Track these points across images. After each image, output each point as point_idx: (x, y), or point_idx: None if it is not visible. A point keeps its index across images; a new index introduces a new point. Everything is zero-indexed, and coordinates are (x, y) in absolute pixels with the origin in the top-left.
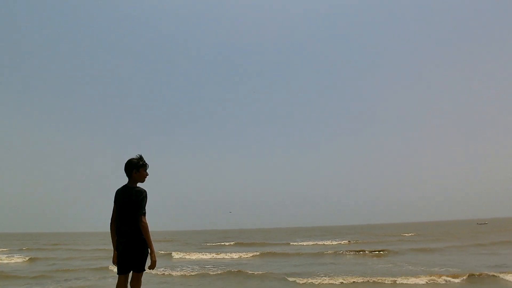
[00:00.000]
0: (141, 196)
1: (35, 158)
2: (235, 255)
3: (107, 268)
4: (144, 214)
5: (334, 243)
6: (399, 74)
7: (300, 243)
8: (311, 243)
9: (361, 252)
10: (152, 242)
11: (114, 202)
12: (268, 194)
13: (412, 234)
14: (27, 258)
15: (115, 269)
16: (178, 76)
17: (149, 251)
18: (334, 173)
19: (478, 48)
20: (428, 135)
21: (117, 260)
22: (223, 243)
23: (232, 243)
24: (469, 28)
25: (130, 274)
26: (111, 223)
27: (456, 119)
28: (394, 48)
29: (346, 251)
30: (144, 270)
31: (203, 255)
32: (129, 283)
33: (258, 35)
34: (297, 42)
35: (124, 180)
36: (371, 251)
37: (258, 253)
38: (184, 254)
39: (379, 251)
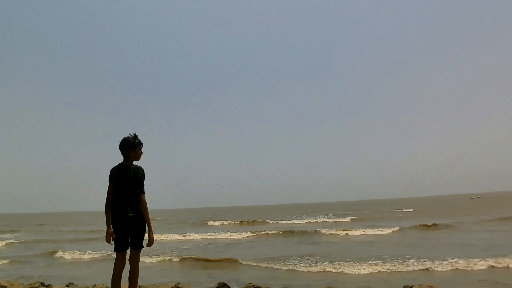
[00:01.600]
0: (140, 174)
1: (32, 136)
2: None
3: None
4: (143, 192)
5: (334, 220)
6: (393, 52)
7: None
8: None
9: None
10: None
11: (110, 180)
12: (262, 171)
13: (411, 210)
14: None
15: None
16: (180, 57)
17: (148, 229)
18: (327, 150)
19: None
20: (419, 112)
21: (115, 238)
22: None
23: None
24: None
25: (128, 251)
26: (106, 202)
27: (447, 96)
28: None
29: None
30: (143, 247)
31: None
32: (127, 260)
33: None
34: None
35: (118, 158)
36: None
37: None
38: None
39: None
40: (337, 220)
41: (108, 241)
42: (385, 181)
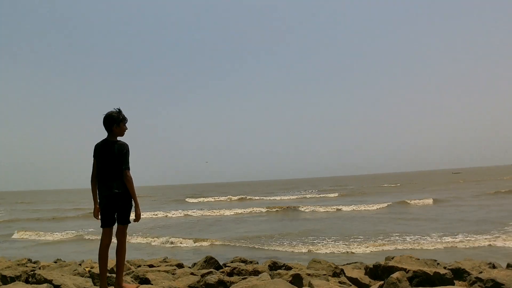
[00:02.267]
0: (124, 150)
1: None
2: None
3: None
4: (129, 168)
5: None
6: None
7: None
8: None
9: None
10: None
11: (94, 156)
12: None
13: (398, 184)
14: None
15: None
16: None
17: (134, 205)
18: (310, 125)
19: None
20: (401, 88)
21: (101, 214)
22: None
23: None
24: None
25: (115, 227)
26: (91, 178)
27: (429, 72)
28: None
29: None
30: (129, 222)
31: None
32: (114, 235)
33: None
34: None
35: (101, 134)
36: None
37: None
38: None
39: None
40: (324, 195)
41: (96, 216)
42: (366, 157)
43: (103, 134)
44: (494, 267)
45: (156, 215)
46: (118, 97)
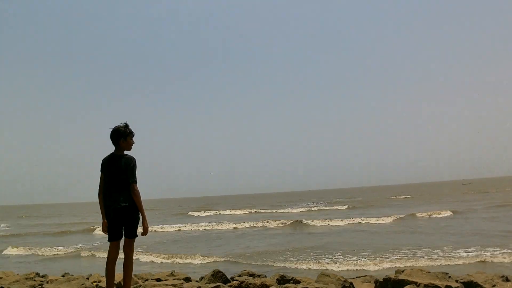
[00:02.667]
0: (132, 164)
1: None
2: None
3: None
4: (136, 182)
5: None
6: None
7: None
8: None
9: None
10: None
11: (101, 171)
12: (254, 158)
13: (409, 196)
14: None
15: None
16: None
17: (142, 218)
18: (317, 137)
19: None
20: (410, 97)
21: (108, 227)
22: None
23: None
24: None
25: (122, 240)
26: (99, 192)
27: (438, 82)
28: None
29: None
30: (137, 236)
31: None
32: (121, 249)
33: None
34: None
35: (110, 148)
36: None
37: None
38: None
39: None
40: (332, 208)
41: (104, 231)
42: (369, 168)
43: (110, 148)
44: (507, 280)
45: (161, 229)
46: (121, 109)
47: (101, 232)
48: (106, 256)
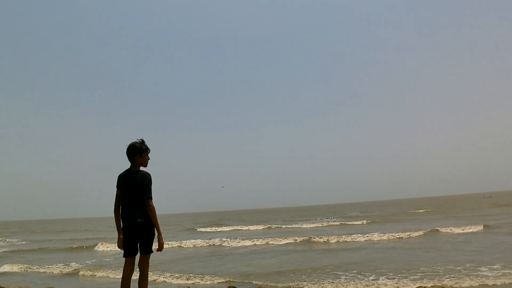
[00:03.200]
0: (147, 180)
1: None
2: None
3: None
4: (151, 198)
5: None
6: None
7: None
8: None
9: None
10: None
11: (117, 186)
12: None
13: (429, 209)
14: None
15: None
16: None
17: (157, 234)
18: (329, 151)
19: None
20: (427, 109)
21: (124, 243)
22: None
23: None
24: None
25: (137, 256)
26: (115, 208)
27: (457, 91)
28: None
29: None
30: (152, 252)
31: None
32: (137, 265)
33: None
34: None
35: (125, 164)
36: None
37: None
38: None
39: None
40: (349, 223)
41: (120, 247)
42: (388, 182)
43: (126, 164)
44: None
45: (168, 244)
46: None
47: (104, 249)
48: (107, 275)
